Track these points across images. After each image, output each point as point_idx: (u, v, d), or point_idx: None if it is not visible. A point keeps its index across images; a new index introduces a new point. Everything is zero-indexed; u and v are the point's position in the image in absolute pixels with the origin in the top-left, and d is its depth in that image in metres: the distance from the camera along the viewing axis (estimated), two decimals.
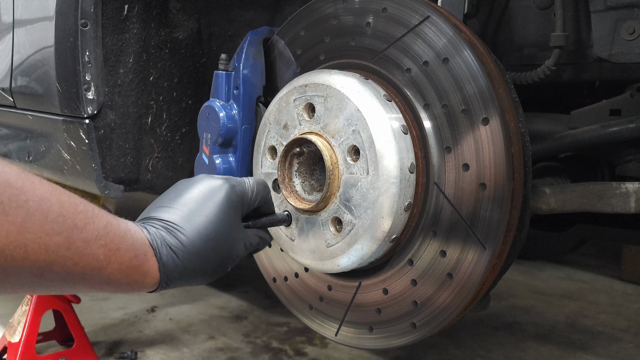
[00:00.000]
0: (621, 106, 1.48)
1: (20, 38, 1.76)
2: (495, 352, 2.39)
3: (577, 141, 1.50)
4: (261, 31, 1.50)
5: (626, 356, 2.42)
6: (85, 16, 1.53)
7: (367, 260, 1.23)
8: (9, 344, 2.01)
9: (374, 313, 1.28)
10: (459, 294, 1.14)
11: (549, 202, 1.41)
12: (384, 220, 1.15)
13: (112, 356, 2.20)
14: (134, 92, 1.69)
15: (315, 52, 1.38)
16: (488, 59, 1.16)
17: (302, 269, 1.42)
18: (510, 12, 1.52)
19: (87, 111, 1.59)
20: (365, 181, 1.16)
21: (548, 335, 2.59)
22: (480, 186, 1.10)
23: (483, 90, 1.09)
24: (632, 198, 1.31)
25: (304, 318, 1.45)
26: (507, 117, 1.11)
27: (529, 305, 2.97)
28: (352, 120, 1.18)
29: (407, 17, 1.19)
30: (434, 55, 1.15)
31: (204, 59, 1.84)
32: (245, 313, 2.70)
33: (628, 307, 3.02)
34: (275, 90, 1.45)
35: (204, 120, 1.50)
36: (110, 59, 1.62)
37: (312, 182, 1.32)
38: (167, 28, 1.72)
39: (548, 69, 1.36)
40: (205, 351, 2.28)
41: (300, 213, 1.27)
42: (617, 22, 1.27)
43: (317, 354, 2.28)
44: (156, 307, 2.72)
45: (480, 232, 1.11)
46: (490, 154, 1.08)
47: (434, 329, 1.20)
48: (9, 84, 1.83)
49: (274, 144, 1.35)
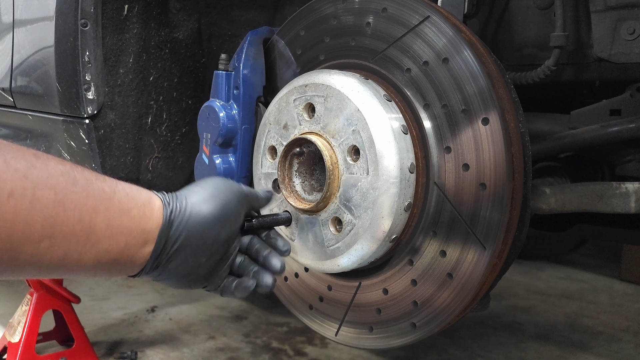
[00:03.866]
0: (621, 106, 1.48)
1: (20, 38, 1.76)
2: (495, 352, 2.39)
3: (577, 141, 1.50)
4: (261, 31, 1.50)
5: (626, 356, 2.42)
6: (85, 16, 1.53)
7: (367, 260, 1.23)
8: (9, 344, 2.01)
9: (374, 313, 1.28)
10: (459, 294, 1.14)
11: (549, 202, 1.41)
12: (384, 220, 1.15)
13: (112, 356, 2.20)
14: (134, 92, 1.69)
15: (315, 52, 1.38)
16: (488, 59, 1.16)
17: (302, 269, 1.42)
18: (510, 12, 1.52)
19: (87, 111, 1.59)
20: (365, 181, 1.16)
21: (548, 335, 2.59)
22: (480, 186, 1.10)
23: (483, 90, 1.09)
24: (632, 198, 1.31)
25: (304, 318, 1.45)
26: (507, 117, 1.11)
27: (529, 305, 2.97)
28: (352, 120, 1.18)
29: (407, 17, 1.19)
30: (434, 55, 1.15)
31: (204, 59, 1.84)
32: (245, 313, 2.70)
33: (628, 307, 3.02)
34: (275, 90, 1.45)
35: (204, 120, 1.50)
36: (110, 59, 1.62)
37: (312, 182, 1.32)
38: (167, 28, 1.72)
39: (548, 69, 1.36)
40: (205, 351, 2.28)
41: (300, 213, 1.27)
42: (617, 22, 1.27)
43: (317, 354, 2.28)
44: (156, 307, 2.72)
45: (480, 232, 1.11)
46: (490, 154, 1.08)
47: (434, 329, 1.20)
48: (9, 84, 1.83)
49: (274, 144, 1.35)
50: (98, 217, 0.79)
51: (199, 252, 0.92)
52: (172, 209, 0.90)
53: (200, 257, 0.92)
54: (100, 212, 0.80)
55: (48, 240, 0.74)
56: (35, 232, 0.72)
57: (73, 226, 0.76)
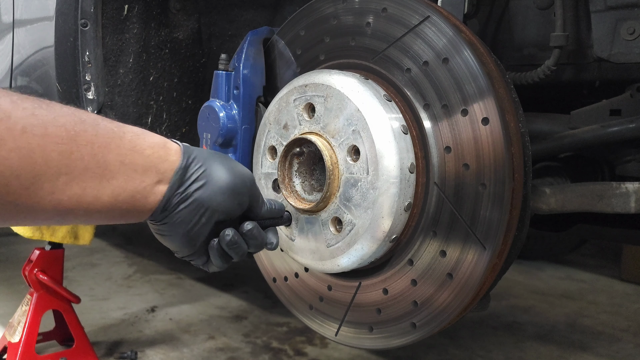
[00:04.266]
0: (621, 106, 1.48)
1: (20, 38, 1.76)
2: (495, 352, 2.39)
3: (577, 141, 1.50)
4: (261, 31, 1.50)
5: (626, 356, 2.42)
6: (85, 16, 1.53)
7: (367, 260, 1.23)
8: (9, 344, 2.01)
9: (374, 313, 1.28)
10: (459, 294, 1.14)
11: (549, 202, 1.41)
12: (384, 220, 1.16)
13: (112, 356, 2.20)
14: (134, 92, 1.69)
15: (315, 52, 1.38)
16: (488, 59, 1.16)
17: (302, 269, 1.42)
18: (510, 12, 1.52)
19: (87, 111, 1.59)
20: (365, 181, 1.16)
21: (548, 335, 2.59)
22: (480, 186, 1.10)
23: (483, 90, 1.09)
24: (632, 198, 1.31)
25: (304, 318, 1.45)
26: (507, 117, 1.11)
27: (529, 305, 2.97)
28: (352, 120, 1.18)
29: (407, 17, 1.19)
30: (434, 55, 1.15)
31: (204, 59, 1.84)
32: (245, 313, 2.70)
33: (628, 307, 3.02)
34: (275, 90, 1.45)
35: (204, 120, 1.50)
36: (110, 59, 1.62)
37: (312, 182, 1.32)
38: (167, 28, 1.72)
39: (548, 69, 1.36)
40: (205, 351, 2.28)
41: (300, 213, 1.27)
42: (617, 22, 1.27)
43: (317, 354, 2.28)
44: (156, 307, 2.72)
45: (480, 232, 1.11)
46: (490, 154, 1.08)
47: (434, 329, 1.20)
48: (9, 84, 1.83)
49: (274, 144, 1.35)
50: (110, 154, 0.81)
51: (203, 210, 0.93)
52: (191, 158, 0.92)
53: (202, 216, 0.93)
54: (112, 149, 0.81)
55: (65, 176, 0.75)
56: (52, 167, 0.73)
57: (88, 162, 0.78)
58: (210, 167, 0.93)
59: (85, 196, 0.79)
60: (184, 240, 0.95)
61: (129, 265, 3.40)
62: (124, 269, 3.33)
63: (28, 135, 0.71)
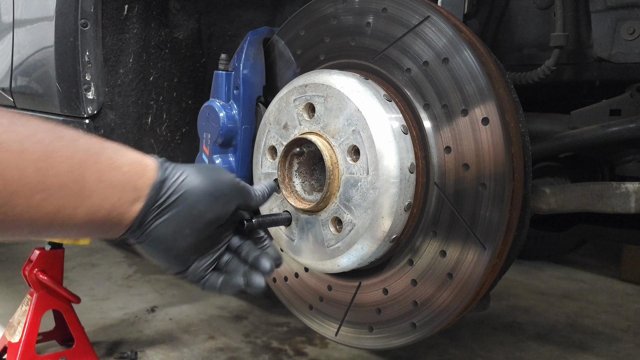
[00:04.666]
0: (621, 106, 1.48)
1: (20, 38, 1.76)
2: (495, 352, 2.38)
3: (577, 141, 1.50)
4: (261, 31, 1.50)
5: (626, 356, 2.42)
6: (85, 16, 1.53)
7: (367, 260, 1.23)
8: (9, 344, 2.01)
9: (374, 313, 1.28)
10: (459, 294, 1.14)
11: (549, 202, 1.41)
12: (384, 220, 1.15)
13: (112, 356, 2.20)
14: (134, 92, 1.69)
15: (315, 52, 1.38)
16: (488, 59, 1.16)
17: (302, 269, 1.42)
18: (510, 12, 1.52)
19: (87, 111, 1.59)
20: (365, 181, 1.16)
21: (548, 335, 2.59)
22: (480, 186, 1.10)
23: (483, 90, 1.09)
24: (632, 198, 1.31)
25: (304, 318, 1.45)
26: (507, 117, 1.11)
27: (529, 305, 2.97)
28: (352, 120, 1.18)
29: (407, 17, 1.19)
30: (434, 55, 1.15)
31: (204, 59, 1.84)
32: (245, 313, 2.70)
33: (628, 307, 3.02)
34: (275, 90, 1.45)
35: (204, 120, 1.50)
36: (110, 59, 1.62)
37: (312, 182, 1.32)
38: (167, 28, 1.72)
39: (548, 69, 1.36)
40: (205, 351, 2.28)
41: (300, 213, 1.27)
42: (617, 22, 1.27)
43: (317, 354, 2.28)
44: (156, 307, 2.72)
45: (480, 232, 1.11)
46: (490, 154, 1.08)
47: (434, 329, 1.20)
48: (9, 84, 1.83)
49: (274, 144, 1.35)
50: (87, 170, 0.80)
51: (183, 221, 0.91)
52: (167, 172, 0.91)
53: (183, 228, 0.92)
54: (90, 165, 0.80)
55: (41, 193, 0.74)
56: (28, 183, 0.72)
57: (64, 179, 0.77)
58: (186, 179, 0.92)
59: (61, 214, 0.78)
60: (169, 257, 0.94)
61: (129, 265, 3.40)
62: (124, 269, 3.32)
63: (4, 152, 0.70)
